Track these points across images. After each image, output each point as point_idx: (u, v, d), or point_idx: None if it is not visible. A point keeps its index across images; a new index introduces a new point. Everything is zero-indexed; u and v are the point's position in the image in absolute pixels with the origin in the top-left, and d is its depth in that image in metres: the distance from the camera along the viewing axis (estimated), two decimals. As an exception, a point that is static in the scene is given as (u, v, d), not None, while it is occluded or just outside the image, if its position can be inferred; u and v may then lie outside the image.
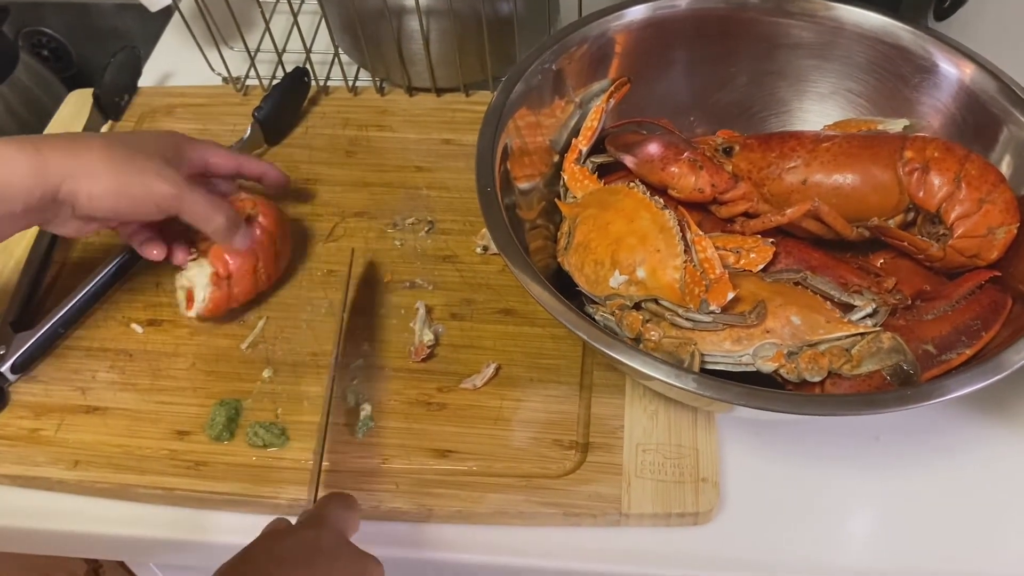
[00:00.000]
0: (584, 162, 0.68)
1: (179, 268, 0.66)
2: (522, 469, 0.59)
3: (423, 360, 0.64)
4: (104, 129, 0.82)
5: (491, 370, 0.63)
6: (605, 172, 0.68)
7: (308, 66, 0.84)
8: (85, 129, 0.80)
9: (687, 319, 0.55)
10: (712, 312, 0.55)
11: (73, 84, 0.90)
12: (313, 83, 0.84)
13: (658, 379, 0.50)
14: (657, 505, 0.57)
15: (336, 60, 0.85)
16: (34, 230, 0.73)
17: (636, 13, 0.67)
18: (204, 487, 0.59)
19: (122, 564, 0.71)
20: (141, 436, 0.62)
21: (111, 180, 0.57)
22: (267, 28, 0.83)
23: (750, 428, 0.62)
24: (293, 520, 0.51)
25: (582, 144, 0.67)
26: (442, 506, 0.58)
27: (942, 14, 0.81)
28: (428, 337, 0.65)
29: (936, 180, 0.60)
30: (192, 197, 0.60)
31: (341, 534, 0.50)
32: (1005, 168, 0.61)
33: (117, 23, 1.19)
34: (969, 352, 0.55)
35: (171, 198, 0.59)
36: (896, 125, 0.66)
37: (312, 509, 0.52)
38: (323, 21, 0.85)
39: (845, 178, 0.62)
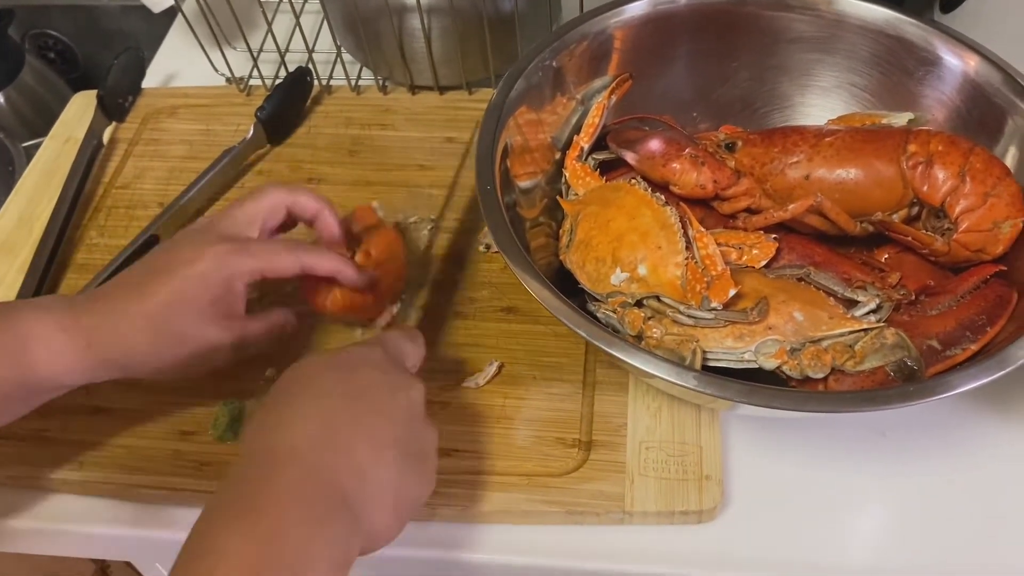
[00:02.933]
0: (586, 159, 0.67)
1: None
2: (525, 468, 0.59)
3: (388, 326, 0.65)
4: (108, 131, 0.83)
5: (493, 368, 0.63)
6: (607, 169, 0.68)
7: (311, 65, 0.84)
8: (88, 131, 0.80)
9: (689, 316, 0.55)
10: (714, 309, 0.55)
11: (79, 86, 0.90)
12: (316, 82, 0.84)
13: (659, 377, 0.49)
14: (660, 503, 0.57)
15: (338, 59, 0.85)
16: (38, 233, 0.73)
17: (636, 9, 0.67)
18: (208, 487, 0.59)
19: (129, 564, 0.71)
20: (145, 436, 0.62)
21: (155, 359, 0.54)
22: (269, 28, 0.83)
23: (754, 425, 0.62)
24: None
25: (584, 141, 0.67)
26: (445, 505, 0.57)
27: (948, 6, 0.80)
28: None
29: (940, 174, 0.59)
30: (244, 337, 0.57)
31: (394, 355, 0.51)
32: (1010, 161, 0.61)
33: (123, 25, 1.20)
34: (974, 347, 0.55)
35: (225, 353, 0.56)
36: (900, 119, 0.66)
37: (375, 335, 0.53)
38: (325, 21, 0.85)
39: (848, 173, 0.61)
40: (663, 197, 0.60)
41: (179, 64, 0.92)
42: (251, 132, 0.79)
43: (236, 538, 0.39)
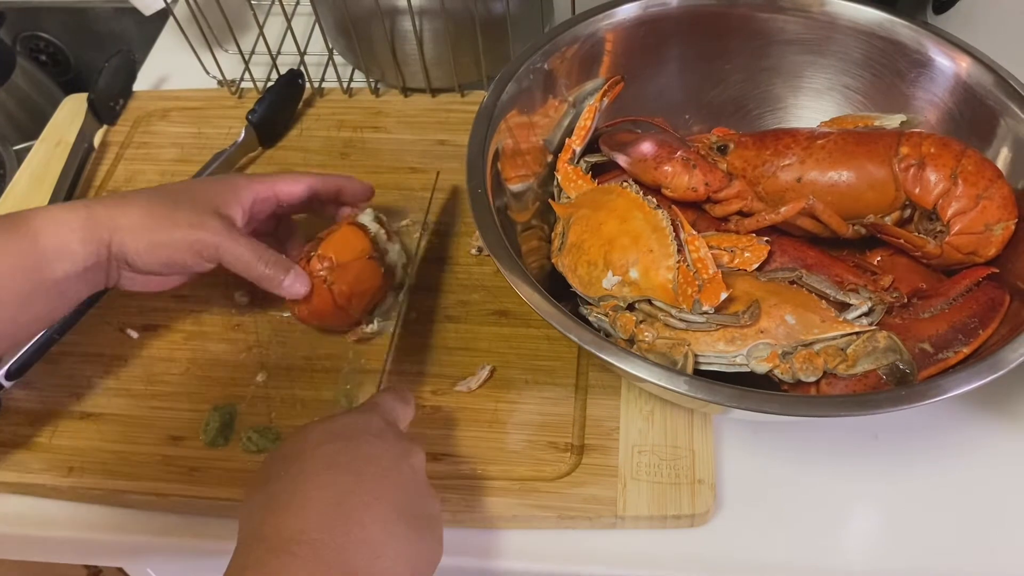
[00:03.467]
0: (578, 162, 0.67)
1: None
2: (517, 472, 0.59)
3: (357, 341, 0.65)
4: (99, 134, 0.83)
5: (486, 372, 0.63)
6: (600, 172, 0.68)
7: (302, 68, 0.84)
8: (80, 134, 0.80)
9: (680, 320, 0.55)
10: (705, 312, 0.54)
11: (71, 88, 0.90)
12: (308, 85, 0.84)
13: (650, 381, 0.49)
14: (653, 507, 0.56)
15: (330, 62, 0.85)
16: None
17: (627, 12, 0.67)
18: (198, 493, 0.59)
19: (120, 570, 0.71)
20: (135, 442, 0.61)
21: (148, 234, 0.57)
22: (261, 31, 0.83)
23: (746, 429, 0.62)
24: None
25: (576, 144, 0.67)
26: (436, 510, 0.57)
27: (941, 8, 0.80)
28: (372, 328, 0.65)
29: (932, 176, 0.59)
30: (230, 245, 0.58)
31: (391, 421, 0.52)
32: (1002, 162, 0.61)
33: (115, 27, 1.19)
34: (966, 350, 0.55)
35: (210, 247, 0.58)
36: (893, 120, 0.66)
37: (367, 399, 0.54)
38: (317, 23, 0.85)
39: (840, 175, 0.61)
40: (655, 200, 0.60)
41: (171, 67, 0.92)
42: (242, 135, 0.79)
43: None
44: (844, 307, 0.56)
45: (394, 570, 0.44)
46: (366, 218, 0.66)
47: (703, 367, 0.55)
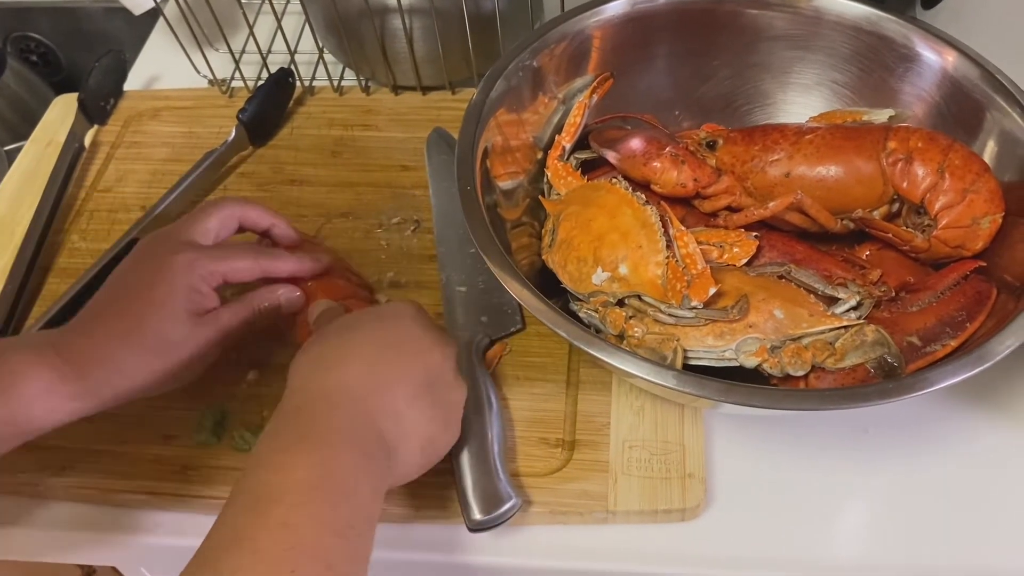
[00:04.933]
0: (568, 158, 0.67)
1: None
2: (508, 468, 0.59)
3: None
4: (90, 134, 0.82)
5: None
6: (589, 168, 0.68)
7: (293, 67, 0.84)
8: (70, 134, 0.80)
9: (669, 315, 0.55)
10: (694, 307, 0.55)
11: (62, 89, 0.90)
12: (298, 84, 0.84)
13: (639, 376, 0.49)
14: (644, 502, 0.57)
15: (321, 60, 0.85)
16: (19, 237, 0.73)
17: (615, 8, 0.67)
18: (191, 491, 0.59)
19: (114, 569, 0.71)
20: (128, 441, 0.62)
21: (146, 374, 0.55)
22: (251, 30, 0.83)
23: (737, 423, 0.62)
24: None
25: (565, 140, 0.67)
26: (428, 506, 0.57)
27: (929, 3, 0.81)
28: None
29: (920, 171, 0.59)
30: (226, 327, 0.58)
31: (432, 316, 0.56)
32: (988, 155, 0.61)
33: (106, 27, 1.19)
34: (954, 343, 0.55)
35: (214, 348, 0.57)
36: (881, 115, 0.66)
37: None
38: (307, 22, 0.85)
39: (828, 170, 0.62)
40: (644, 196, 0.60)
41: (161, 66, 0.92)
42: (233, 134, 0.79)
43: (299, 459, 0.44)
44: (832, 301, 0.57)
45: (409, 441, 0.50)
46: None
47: (692, 362, 0.55)
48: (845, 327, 0.55)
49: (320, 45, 0.85)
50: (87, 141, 0.82)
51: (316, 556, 0.41)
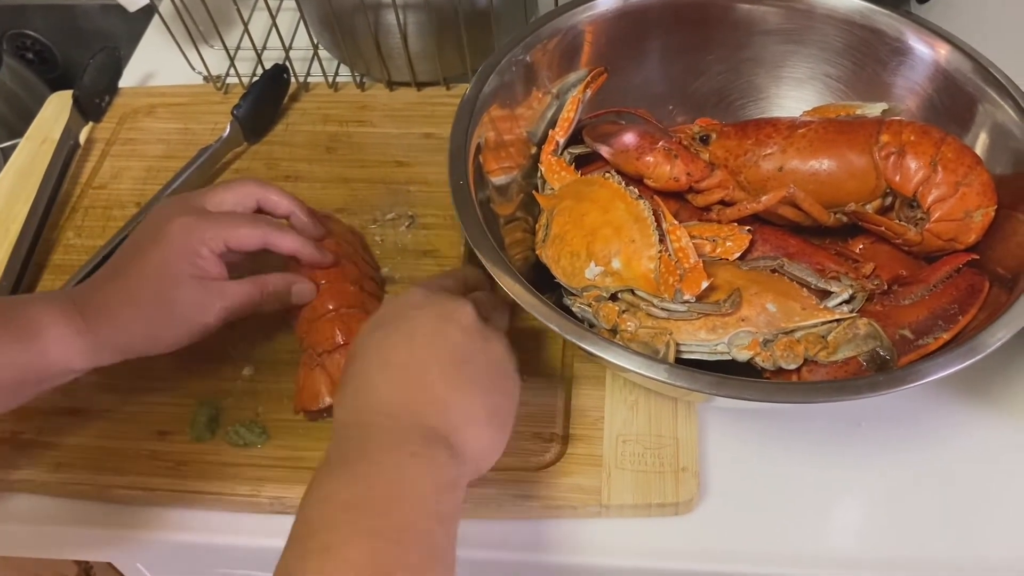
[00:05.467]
0: (561, 153, 0.67)
1: None
2: (502, 462, 0.58)
3: None
4: (85, 131, 0.83)
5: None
6: (583, 163, 0.68)
7: (288, 63, 0.84)
8: (65, 131, 0.80)
9: (662, 309, 0.55)
10: (687, 301, 0.55)
11: (58, 86, 0.90)
12: (293, 80, 0.84)
13: (630, 370, 0.49)
14: (637, 496, 0.57)
15: (315, 56, 0.85)
16: (14, 234, 0.73)
17: (608, 3, 0.67)
18: (186, 487, 0.59)
19: (110, 565, 0.71)
20: (122, 437, 0.62)
21: (150, 330, 0.57)
22: (245, 27, 0.83)
23: (730, 417, 0.62)
24: None
25: (559, 135, 0.67)
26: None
27: (923, -4, 0.81)
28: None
29: (912, 164, 0.59)
30: (230, 297, 0.58)
31: (433, 289, 0.54)
32: (981, 148, 0.61)
33: (102, 24, 1.19)
34: (946, 336, 0.55)
35: (216, 313, 0.58)
36: (874, 109, 0.66)
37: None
38: (301, 18, 0.85)
39: (821, 164, 0.62)
40: (636, 191, 0.60)
41: (156, 63, 0.92)
42: (228, 130, 0.79)
43: (336, 483, 0.43)
44: (825, 295, 0.57)
45: (467, 423, 0.48)
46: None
47: (685, 356, 0.55)
48: (838, 320, 0.55)
49: (315, 41, 0.85)
50: (82, 138, 0.82)
51: (368, 566, 0.39)
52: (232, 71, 0.86)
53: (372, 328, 0.52)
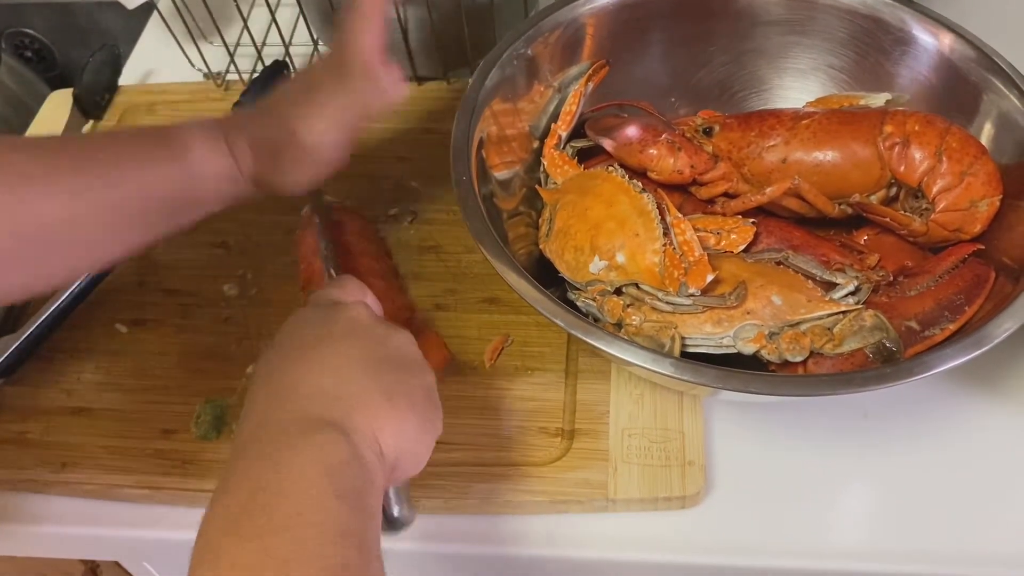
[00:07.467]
0: (564, 147, 0.67)
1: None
2: (509, 458, 0.59)
3: None
4: (85, 129, 0.82)
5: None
6: (586, 156, 0.68)
7: (288, 59, 0.83)
8: (65, 129, 0.80)
9: (667, 303, 0.55)
10: (692, 295, 0.55)
11: (57, 84, 0.90)
12: (293, 75, 0.84)
13: (636, 364, 0.49)
14: (644, 490, 0.57)
15: (316, 52, 0.85)
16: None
17: (608, -4, 0.67)
18: (192, 485, 0.59)
19: (117, 564, 0.71)
20: (128, 436, 0.62)
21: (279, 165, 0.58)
22: (245, 23, 0.83)
23: (736, 410, 0.62)
24: None
25: (561, 129, 0.67)
26: (429, 497, 0.57)
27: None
28: None
29: (917, 154, 0.59)
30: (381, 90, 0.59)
31: (320, 301, 0.52)
32: (985, 138, 0.61)
33: (100, 22, 1.19)
34: (952, 327, 0.55)
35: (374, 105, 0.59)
36: (878, 99, 0.66)
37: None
38: (301, 14, 0.85)
39: (825, 155, 0.61)
40: (640, 184, 0.60)
41: (156, 61, 0.91)
42: (228, 127, 0.78)
43: (217, 507, 0.40)
44: (831, 287, 0.57)
45: (359, 400, 0.44)
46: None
47: (691, 349, 0.55)
48: (843, 312, 0.55)
49: (315, 36, 0.84)
50: (83, 137, 0.82)
51: (260, 565, 0.37)
52: (232, 68, 0.85)
53: (264, 355, 0.49)
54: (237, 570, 0.37)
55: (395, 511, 0.47)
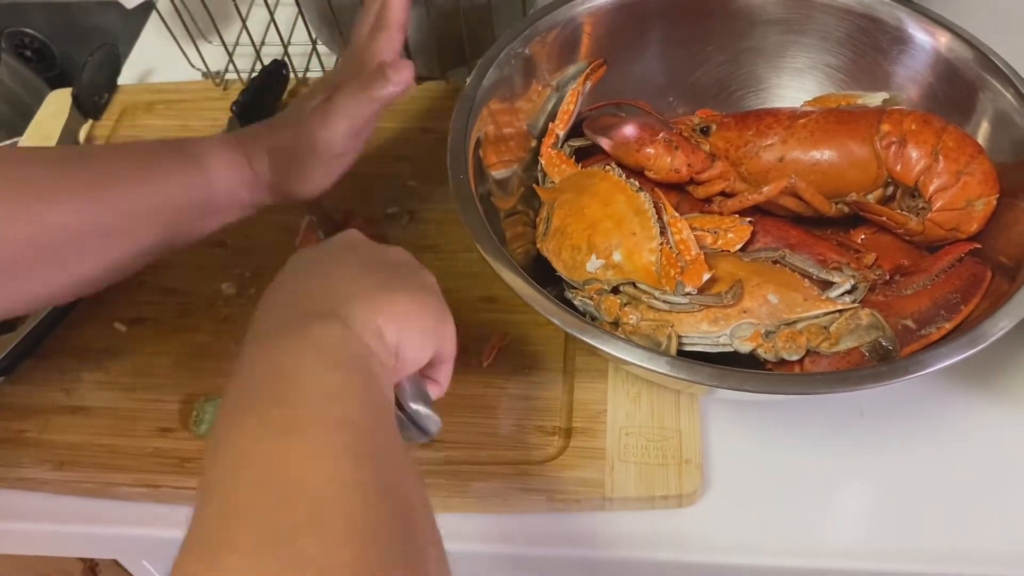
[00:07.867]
0: (561, 146, 0.67)
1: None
2: (506, 456, 0.59)
3: None
4: (84, 128, 0.82)
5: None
6: (584, 156, 0.68)
7: (286, 58, 0.84)
8: (64, 129, 0.80)
9: (664, 301, 0.55)
10: (688, 293, 0.55)
11: (57, 84, 0.90)
12: (292, 75, 0.84)
13: (632, 363, 0.49)
14: (641, 488, 0.57)
15: (314, 52, 0.85)
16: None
17: (605, -5, 0.67)
18: (190, 484, 0.59)
19: (116, 562, 0.71)
20: (126, 435, 0.62)
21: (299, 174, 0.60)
22: (244, 23, 0.83)
23: (733, 408, 0.62)
24: None
25: (559, 128, 0.67)
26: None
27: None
28: None
29: (914, 153, 0.59)
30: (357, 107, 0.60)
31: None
32: (982, 137, 0.61)
33: (100, 21, 1.19)
34: (948, 326, 0.55)
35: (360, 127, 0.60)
36: (875, 98, 0.66)
37: None
38: (300, 14, 0.85)
39: (822, 154, 0.61)
40: (637, 183, 0.60)
41: (155, 60, 0.91)
42: (227, 126, 0.79)
43: (226, 421, 0.40)
44: (827, 285, 0.57)
45: (353, 292, 0.45)
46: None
47: (687, 348, 0.55)
48: (840, 311, 0.55)
49: (313, 36, 0.85)
50: (82, 136, 0.82)
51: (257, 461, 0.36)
52: (231, 67, 0.85)
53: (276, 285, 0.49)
54: (238, 447, 0.37)
55: (411, 406, 0.47)
